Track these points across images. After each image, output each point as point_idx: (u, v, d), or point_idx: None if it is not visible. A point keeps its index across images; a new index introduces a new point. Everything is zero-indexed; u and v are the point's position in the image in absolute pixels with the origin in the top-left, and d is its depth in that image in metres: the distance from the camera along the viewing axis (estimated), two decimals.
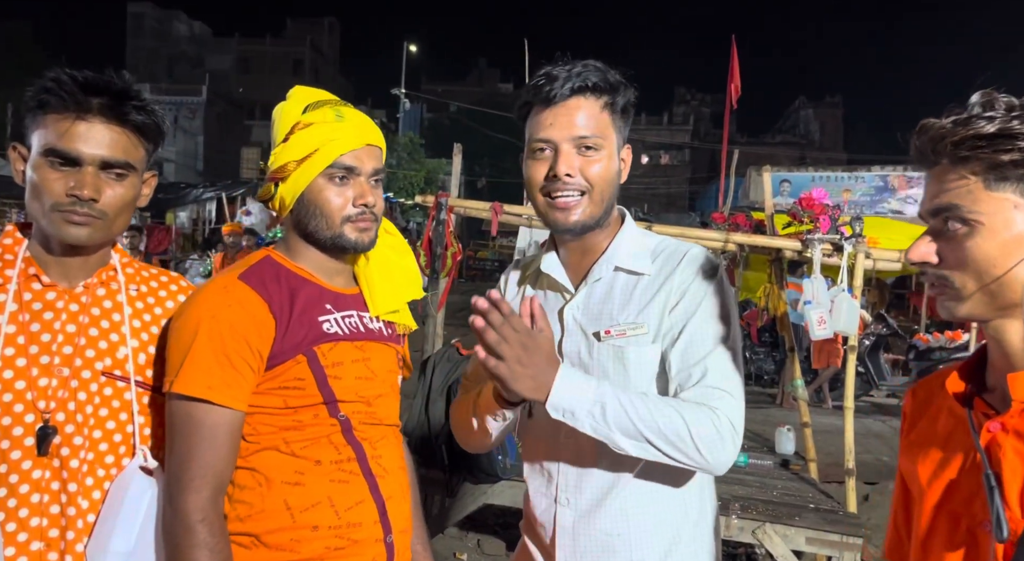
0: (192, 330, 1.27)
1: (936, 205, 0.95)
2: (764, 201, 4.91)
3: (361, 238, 1.39)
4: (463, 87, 51.19)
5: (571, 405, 1.22)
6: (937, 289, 0.97)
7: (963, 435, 1.00)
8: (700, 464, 1.25)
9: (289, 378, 1.31)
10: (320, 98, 1.42)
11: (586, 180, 1.35)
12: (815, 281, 4.05)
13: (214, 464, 1.25)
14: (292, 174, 1.36)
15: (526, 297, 1.28)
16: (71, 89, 1.23)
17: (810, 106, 51.97)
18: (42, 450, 1.22)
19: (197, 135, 44.10)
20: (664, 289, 1.37)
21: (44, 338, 1.25)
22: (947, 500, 1.00)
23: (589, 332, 1.39)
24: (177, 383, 1.25)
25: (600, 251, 1.43)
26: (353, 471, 1.36)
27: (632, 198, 40.13)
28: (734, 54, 11.12)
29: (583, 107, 1.35)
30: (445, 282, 4.63)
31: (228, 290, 1.32)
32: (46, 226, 1.26)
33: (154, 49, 53.36)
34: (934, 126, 0.95)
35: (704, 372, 1.29)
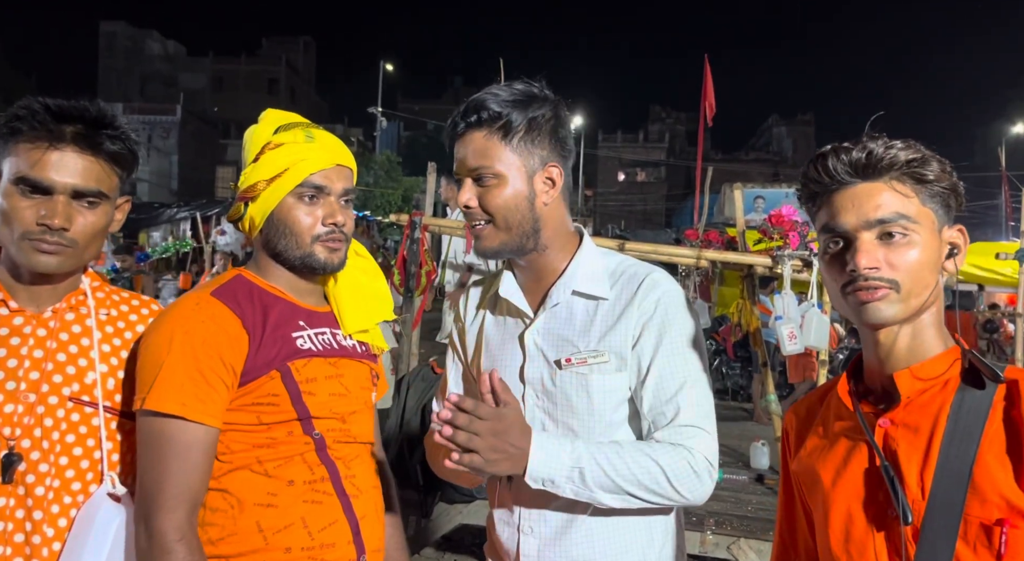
0: (164, 346, 1.26)
1: (880, 216, 1.04)
2: (734, 218, 4.99)
3: (331, 258, 1.39)
4: (440, 105, 51.35)
5: (549, 474, 1.23)
6: (879, 292, 1.03)
7: (856, 435, 1.09)
8: (680, 502, 1.29)
9: (263, 394, 1.30)
10: (292, 120, 1.42)
11: (484, 210, 1.35)
12: (785, 297, 4.11)
13: (189, 483, 1.22)
14: (262, 193, 1.36)
15: (484, 372, 1.27)
16: (43, 118, 1.22)
17: (783, 124, 52.86)
18: (6, 478, 1.20)
19: (171, 154, 43.74)
20: (625, 317, 1.35)
21: (10, 364, 1.24)
22: (854, 497, 1.07)
23: (551, 359, 1.38)
24: (149, 400, 1.23)
25: (556, 273, 1.41)
26: (327, 491, 1.34)
27: (610, 215, 40.39)
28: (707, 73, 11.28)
29: (472, 139, 1.35)
30: (420, 300, 4.62)
31: (200, 306, 1.31)
32: (15, 254, 1.25)
33: (127, 68, 52.96)
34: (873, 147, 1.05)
35: (676, 410, 1.30)
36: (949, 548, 0.95)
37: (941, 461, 0.97)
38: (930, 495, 0.97)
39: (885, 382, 1.08)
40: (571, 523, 1.35)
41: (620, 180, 48.41)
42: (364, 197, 32.65)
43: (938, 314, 1.08)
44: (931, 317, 1.07)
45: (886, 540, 1.02)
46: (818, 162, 1.09)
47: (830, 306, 4.24)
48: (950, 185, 1.06)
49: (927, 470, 0.98)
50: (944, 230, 1.07)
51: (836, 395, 1.14)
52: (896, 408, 1.04)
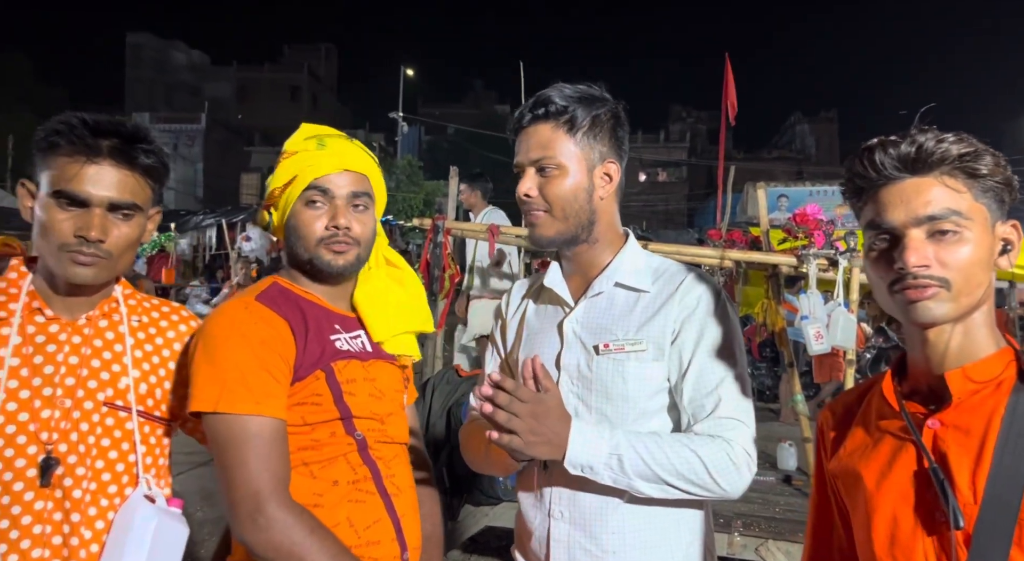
0: (224, 349, 1.30)
1: (931, 212, 1.00)
2: (757, 217, 4.94)
3: (335, 260, 1.42)
4: (460, 109, 51.53)
5: (588, 460, 1.26)
6: (929, 291, 1.00)
7: (903, 435, 1.06)
8: (719, 495, 1.30)
9: (308, 394, 1.35)
10: (323, 132, 1.47)
11: (545, 199, 1.40)
12: (811, 296, 4.07)
13: (281, 471, 1.28)
14: (278, 200, 1.43)
15: (527, 359, 1.28)
16: (82, 132, 1.26)
17: (805, 121, 52.31)
18: (44, 481, 1.23)
19: (196, 162, 44.32)
20: (664, 311, 1.39)
21: (47, 370, 1.28)
22: (900, 500, 1.04)
23: (589, 345, 1.41)
24: (223, 403, 1.26)
25: (601, 267, 1.46)
26: (369, 490, 1.39)
27: (631, 216, 40.23)
28: (728, 72, 11.20)
29: (539, 131, 1.40)
30: (443, 304, 4.65)
31: (250, 309, 1.36)
32: (53, 265, 1.28)
33: (153, 78, 53.83)
34: (923, 141, 1.01)
35: (716, 403, 1.33)
36: (1003, 554, 0.92)
37: (995, 464, 0.94)
38: (983, 499, 0.94)
39: (933, 382, 1.05)
40: (603, 511, 1.36)
41: (641, 180, 48.18)
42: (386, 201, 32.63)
43: (989, 313, 1.05)
44: (983, 316, 1.04)
45: (935, 545, 0.99)
46: (864, 156, 1.05)
47: (857, 305, 4.19)
48: (1004, 179, 1.02)
49: (979, 473, 0.95)
50: (997, 225, 1.03)
51: (879, 394, 1.11)
52: (946, 409, 1.01)
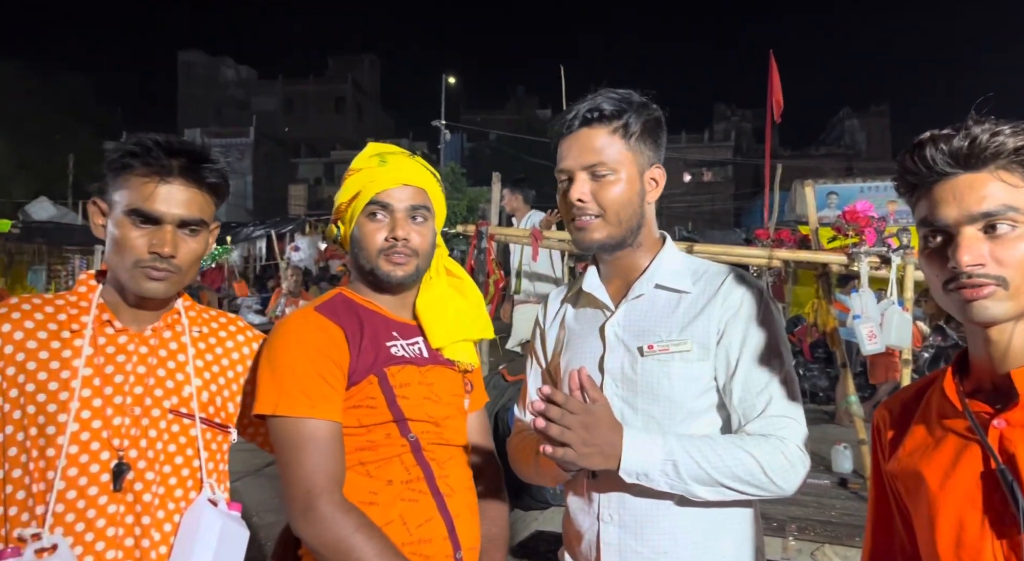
0: (284, 356, 1.39)
1: (986, 209, 0.97)
2: (805, 216, 4.86)
3: (394, 271, 1.48)
4: (502, 115, 51.67)
5: (643, 467, 1.26)
6: (985, 290, 0.97)
7: (967, 435, 1.02)
8: (774, 493, 1.30)
9: (363, 397, 1.41)
10: (383, 150, 1.55)
11: (599, 205, 1.39)
12: (863, 295, 3.98)
13: (335, 471, 1.36)
14: (344, 214, 1.52)
15: (572, 371, 1.28)
16: (157, 154, 1.32)
17: (855, 116, 51.04)
18: (117, 486, 1.29)
19: (246, 175, 45.40)
20: (707, 311, 1.39)
21: (117, 379, 1.34)
22: (966, 502, 1.00)
23: (632, 347, 1.41)
24: (282, 406, 1.35)
25: (640, 270, 1.47)
26: (422, 490, 1.43)
27: (676, 216, 39.78)
28: (773, 69, 11.02)
29: (593, 136, 1.40)
30: (488, 309, 4.68)
31: (308, 319, 1.45)
32: (127, 280, 1.34)
33: (204, 95, 55.42)
34: (977, 134, 0.98)
35: (766, 402, 1.33)
36: None
37: None
38: None
39: (998, 380, 1.02)
40: (653, 513, 1.36)
41: (686, 181, 47.64)
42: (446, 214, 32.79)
43: None
44: None
45: (1004, 548, 0.95)
46: (915, 152, 1.02)
47: (912, 303, 4.08)
48: None
49: None
50: None
51: (939, 392, 1.08)
52: (1013, 408, 0.98)
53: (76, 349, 1.32)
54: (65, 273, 13.74)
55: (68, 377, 1.29)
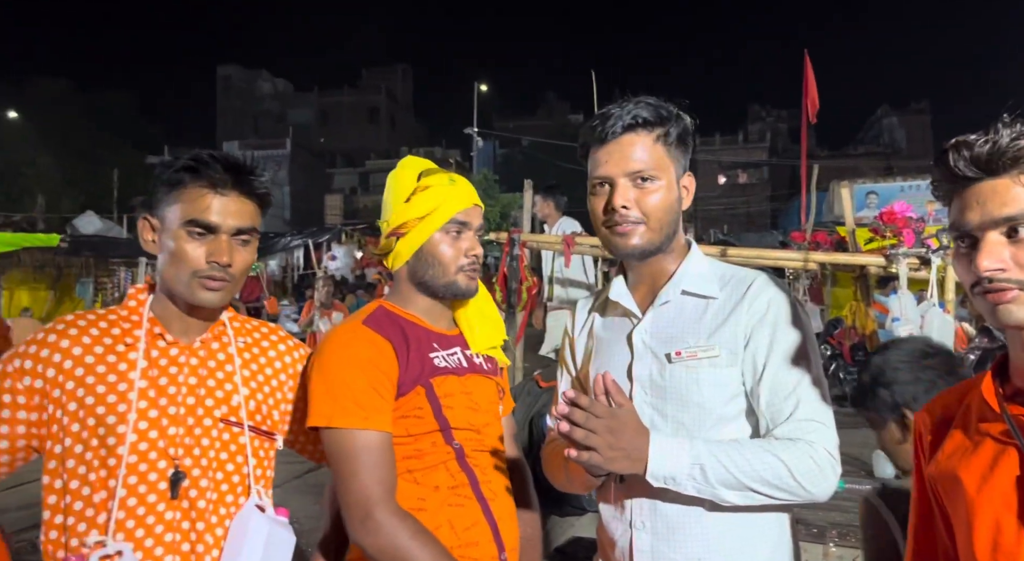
0: (336, 370, 1.43)
1: (1008, 214, 0.98)
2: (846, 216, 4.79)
3: (470, 285, 1.59)
4: (534, 121, 51.72)
5: (671, 472, 1.26)
6: (1008, 294, 0.98)
7: (1005, 439, 1.02)
8: (805, 498, 1.28)
9: (411, 408, 1.47)
10: (430, 166, 1.62)
11: (642, 212, 1.40)
12: (902, 297, 3.91)
13: (389, 479, 1.41)
14: (412, 230, 1.55)
15: (597, 375, 1.30)
16: (214, 167, 1.39)
17: (894, 114, 50.01)
18: (174, 493, 1.35)
19: (283, 186, 46.17)
20: (734, 317, 1.39)
21: (171, 390, 1.40)
22: (1003, 506, 1.00)
23: (660, 354, 1.41)
24: (336, 418, 1.40)
25: (667, 276, 1.47)
26: (467, 495, 1.49)
27: (712, 219, 39.40)
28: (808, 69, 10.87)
29: (636, 142, 1.40)
30: (522, 316, 4.70)
31: (357, 333, 1.49)
32: (183, 291, 1.40)
33: (241, 108, 56.56)
34: (999, 139, 0.98)
35: (795, 406, 1.32)
36: None
37: None
38: None
39: None
40: (685, 518, 1.35)
41: (721, 183, 47.17)
42: None
43: None
44: None
45: None
46: (941, 159, 1.03)
47: (953, 305, 4.00)
48: None
49: None
50: None
51: (979, 396, 1.08)
52: None
53: (131, 362, 1.37)
54: (111, 285, 14.13)
55: (125, 389, 1.35)
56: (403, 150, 48.05)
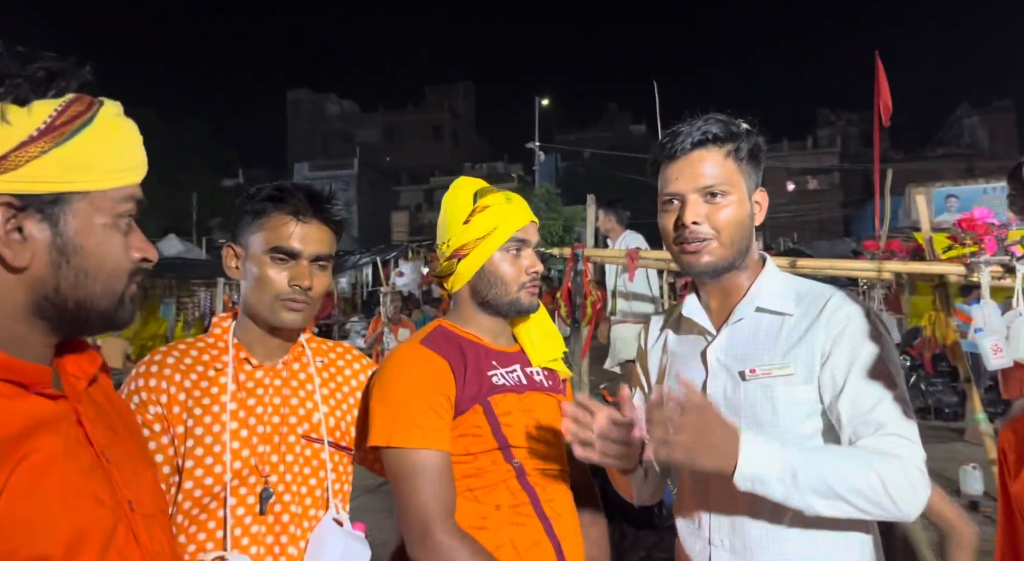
0: (395, 390, 1.47)
1: None
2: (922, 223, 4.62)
3: (532, 302, 1.61)
4: (595, 133, 51.57)
5: (761, 473, 1.19)
6: None
7: None
8: (895, 516, 1.22)
9: (469, 427, 1.48)
10: (483, 185, 1.64)
11: (712, 227, 1.40)
12: (985, 306, 3.75)
13: (448, 498, 1.42)
14: (473, 250, 1.57)
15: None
16: (299, 197, 1.49)
17: (975, 113, 47.82)
18: (262, 509, 1.42)
19: (351, 205, 47.33)
20: (811, 334, 1.37)
21: (258, 411, 1.48)
22: None
23: (734, 371, 1.40)
24: (396, 438, 1.43)
25: (741, 293, 1.46)
26: (529, 514, 1.48)
27: (780, 227, 38.38)
28: (880, 71, 10.54)
29: (706, 158, 1.41)
30: (587, 330, 4.70)
31: (416, 353, 1.52)
32: (267, 313, 1.49)
33: (310, 130, 58.40)
34: None
35: (879, 421, 1.27)
36: None
37: None
38: None
39: None
40: (766, 536, 1.33)
41: (790, 190, 45.97)
42: None
43: None
44: None
45: None
46: (1015, 173, 1.05)
47: None
48: None
49: None
50: None
51: None
52: None
53: (222, 386, 1.46)
54: (192, 305, 14.75)
55: (218, 412, 1.44)
56: (466, 166, 48.76)
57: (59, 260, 0.90)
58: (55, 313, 0.92)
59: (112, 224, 0.94)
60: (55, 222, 0.89)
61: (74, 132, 0.89)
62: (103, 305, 0.94)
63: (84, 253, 0.91)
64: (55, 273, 0.90)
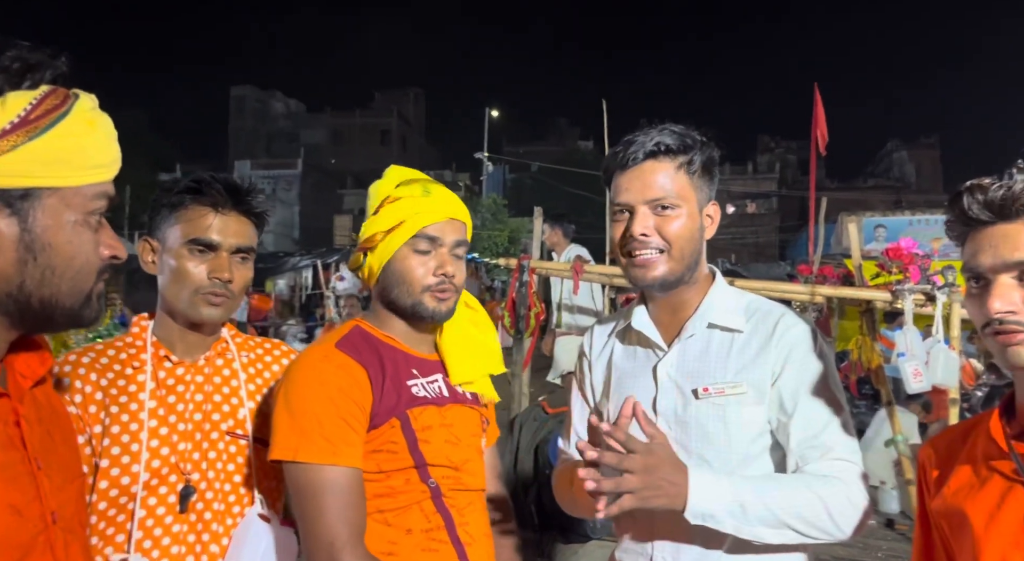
0: (304, 398, 1.33)
1: (1020, 258, 1.01)
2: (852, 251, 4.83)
3: (439, 308, 1.44)
4: (544, 147, 52.03)
5: (710, 509, 1.22)
6: (1018, 336, 1.00)
7: (1012, 478, 1.04)
8: (837, 537, 1.26)
9: (384, 441, 1.36)
10: (413, 176, 1.50)
11: (663, 239, 1.37)
12: (907, 333, 3.94)
13: (358, 520, 1.30)
14: (380, 244, 1.43)
15: (627, 399, 1.27)
16: (217, 188, 1.45)
17: (904, 148, 50.12)
18: (183, 507, 1.38)
19: (293, 205, 46.49)
20: (764, 353, 1.37)
21: (179, 408, 1.43)
22: (1010, 544, 1.02)
23: (686, 389, 1.39)
24: (303, 452, 1.29)
25: (691, 308, 1.44)
26: (443, 540, 1.38)
27: (719, 249, 39.29)
28: (818, 102, 10.95)
29: (658, 170, 1.38)
30: (529, 341, 4.74)
31: (329, 358, 1.38)
32: (185, 308, 1.44)
33: (254, 128, 57.12)
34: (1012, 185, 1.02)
35: (827, 445, 1.31)
36: None
37: None
38: None
39: None
40: (705, 558, 1.34)
41: (729, 213, 47.21)
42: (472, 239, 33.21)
43: None
44: None
45: None
46: (954, 202, 1.07)
47: (958, 341, 4.01)
48: None
49: None
50: None
51: (985, 434, 1.10)
52: None
53: (140, 384, 1.42)
54: (120, 302, 14.19)
55: (136, 409, 1.39)
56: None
57: (26, 257, 0.87)
58: (16, 309, 0.88)
59: (82, 221, 0.91)
60: (24, 218, 0.86)
61: (48, 126, 0.86)
62: (69, 303, 0.92)
63: (52, 250, 0.88)
64: (20, 270, 0.87)
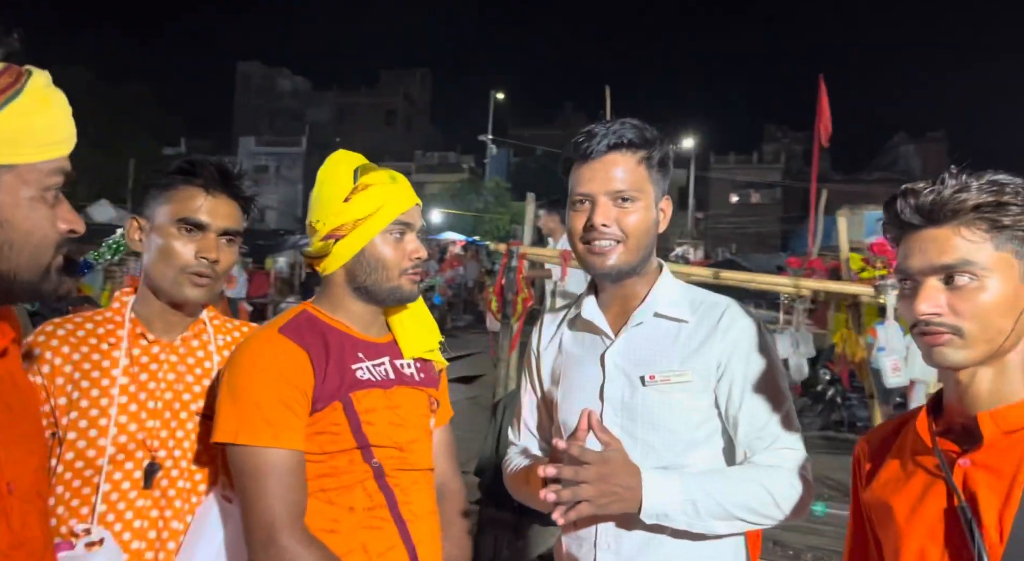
0: (246, 382, 1.36)
1: (945, 262, 1.04)
2: (853, 242, 4.84)
3: (413, 290, 1.52)
4: (549, 131, 51.64)
5: (663, 509, 1.30)
6: (942, 338, 1.04)
7: (934, 472, 1.09)
8: (785, 522, 1.37)
9: (327, 424, 1.39)
10: (363, 162, 1.54)
11: (621, 230, 1.42)
12: (888, 327, 3.98)
13: (298, 501, 1.33)
14: (353, 232, 1.46)
15: (583, 411, 1.33)
16: (209, 169, 1.49)
17: (911, 142, 49.82)
18: (147, 483, 1.42)
19: (297, 183, 46.38)
20: (709, 344, 1.43)
21: (151, 386, 1.48)
22: (928, 536, 1.07)
23: (633, 376, 1.44)
24: (243, 435, 1.33)
25: (639, 298, 1.50)
26: (384, 518, 1.42)
27: (721, 237, 39.32)
28: (822, 93, 10.89)
29: (619, 162, 1.43)
30: (516, 327, 4.78)
31: (272, 342, 1.41)
32: (169, 286, 1.47)
33: (259, 104, 56.83)
34: (942, 190, 1.05)
35: (773, 435, 1.40)
36: None
37: (1023, 506, 0.97)
38: (1009, 540, 0.96)
39: (967, 422, 1.08)
40: (650, 541, 1.39)
41: (733, 202, 47.11)
42: (474, 222, 33.37)
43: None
44: (1019, 358, 1.06)
45: None
46: (889, 205, 1.11)
47: None
48: None
49: (1007, 514, 0.98)
50: None
51: (913, 430, 1.14)
52: (978, 449, 1.04)
53: (114, 360, 1.46)
54: (120, 274, 14.24)
55: (107, 385, 1.43)
56: (417, 153, 48.17)
57: None
58: None
59: (39, 197, 0.94)
60: None
61: (2, 105, 0.88)
62: (28, 276, 0.94)
63: (9, 226, 0.90)
64: None
